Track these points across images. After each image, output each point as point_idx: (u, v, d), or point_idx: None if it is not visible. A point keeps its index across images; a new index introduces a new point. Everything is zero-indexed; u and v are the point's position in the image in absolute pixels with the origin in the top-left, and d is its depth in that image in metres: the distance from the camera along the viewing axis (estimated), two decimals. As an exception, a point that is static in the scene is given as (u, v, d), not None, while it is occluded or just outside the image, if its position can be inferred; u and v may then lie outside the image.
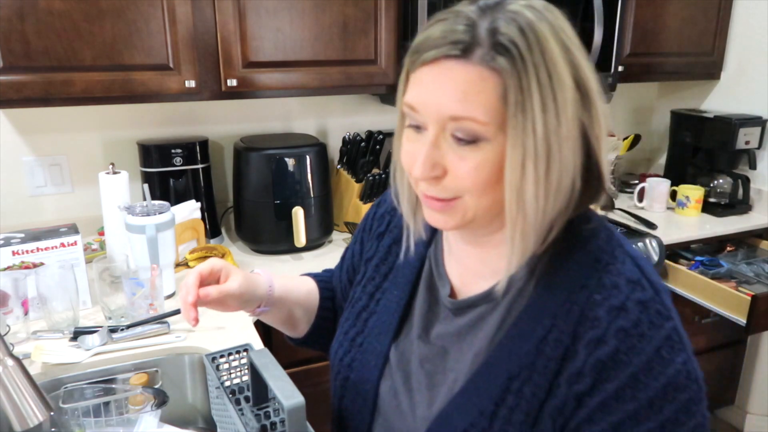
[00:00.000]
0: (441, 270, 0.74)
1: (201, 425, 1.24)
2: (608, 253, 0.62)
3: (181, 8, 1.45)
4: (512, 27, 0.55)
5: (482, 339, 0.67)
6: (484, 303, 0.68)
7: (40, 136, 1.69)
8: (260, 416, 0.76)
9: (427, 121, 0.59)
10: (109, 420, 1.04)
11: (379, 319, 0.77)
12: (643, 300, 0.59)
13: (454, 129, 0.57)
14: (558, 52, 0.56)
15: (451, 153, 0.59)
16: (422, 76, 0.59)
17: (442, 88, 0.57)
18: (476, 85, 0.55)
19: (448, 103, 0.57)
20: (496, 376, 0.63)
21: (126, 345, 1.18)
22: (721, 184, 2.15)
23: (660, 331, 0.58)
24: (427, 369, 0.71)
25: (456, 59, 0.56)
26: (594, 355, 0.58)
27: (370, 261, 0.83)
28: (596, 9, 1.76)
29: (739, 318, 1.71)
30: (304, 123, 1.99)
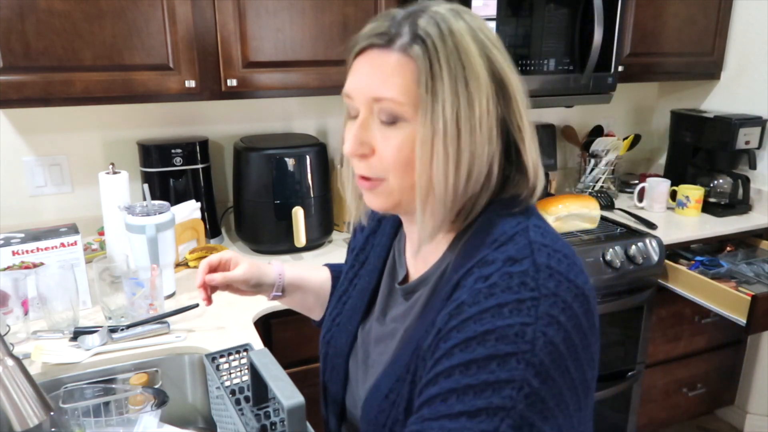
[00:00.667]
0: (401, 258, 0.81)
1: (201, 425, 1.24)
2: (507, 235, 0.64)
3: (181, 8, 1.45)
4: (430, 22, 0.63)
5: (412, 317, 0.73)
6: (422, 285, 0.73)
7: (40, 136, 1.69)
8: (260, 416, 0.76)
9: (358, 107, 0.66)
10: (109, 420, 1.04)
11: (353, 302, 0.85)
12: (511, 272, 0.59)
13: (379, 110, 0.64)
14: (473, 46, 0.63)
15: (378, 134, 0.66)
16: (355, 65, 0.67)
17: (367, 74, 0.65)
18: (395, 69, 0.63)
19: (371, 86, 0.64)
20: (410, 347, 0.69)
21: (126, 345, 1.18)
22: (721, 184, 2.15)
23: (512, 295, 0.58)
24: (380, 348, 0.77)
25: (379, 48, 0.64)
26: (447, 309, 0.62)
27: (353, 251, 0.90)
28: (596, 9, 1.76)
29: (739, 318, 1.71)
30: (304, 123, 1.99)
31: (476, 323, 0.58)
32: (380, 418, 0.69)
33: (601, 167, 2.24)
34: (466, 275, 0.63)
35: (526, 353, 0.55)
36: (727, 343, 2.20)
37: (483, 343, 0.56)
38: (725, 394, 2.31)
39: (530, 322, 0.56)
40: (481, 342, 0.56)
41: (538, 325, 0.56)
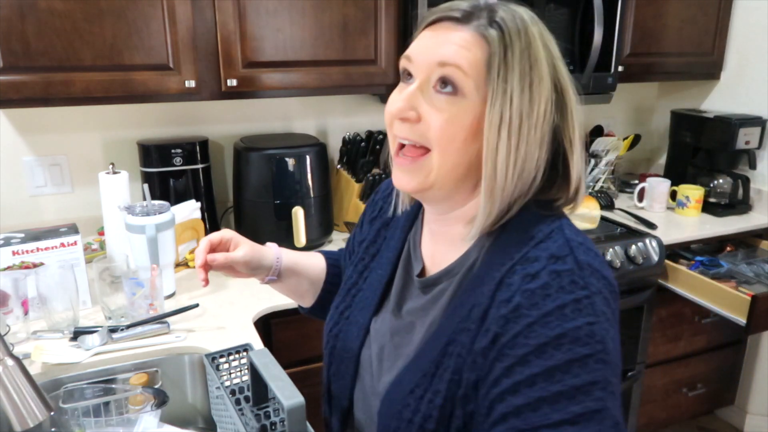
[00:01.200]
0: (417, 251, 0.80)
1: (201, 425, 1.25)
2: (545, 233, 0.66)
3: (181, 8, 1.45)
4: (508, 14, 0.64)
5: (437, 310, 0.72)
6: (446, 279, 0.73)
7: (40, 136, 1.69)
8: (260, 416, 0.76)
9: (417, 70, 0.66)
10: (109, 420, 1.04)
11: (364, 295, 0.83)
12: (558, 270, 0.62)
13: (440, 76, 0.64)
14: (542, 51, 0.64)
15: (430, 102, 0.65)
16: (423, 35, 0.67)
17: (437, 40, 0.65)
18: (467, 43, 0.63)
19: (439, 50, 0.64)
20: (439, 341, 0.69)
21: (126, 345, 1.18)
22: (721, 184, 2.15)
23: (568, 295, 0.60)
24: (395, 341, 0.76)
25: (454, 21, 0.65)
26: (499, 312, 0.62)
27: (362, 243, 0.89)
28: (596, 9, 1.76)
29: (739, 318, 1.71)
30: (304, 123, 1.99)
31: (544, 327, 0.59)
32: (405, 413, 0.68)
33: (601, 167, 2.23)
34: (509, 273, 0.64)
35: (600, 353, 0.58)
36: (727, 343, 2.20)
37: (559, 347, 0.58)
38: (725, 394, 2.32)
39: (594, 321, 0.59)
40: (557, 347, 0.58)
41: (600, 323, 0.59)
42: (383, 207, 0.89)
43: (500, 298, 0.63)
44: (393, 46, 1.69)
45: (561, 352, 0.58)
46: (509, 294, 0.62)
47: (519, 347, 0.59)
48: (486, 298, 0.65)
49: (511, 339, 0.60)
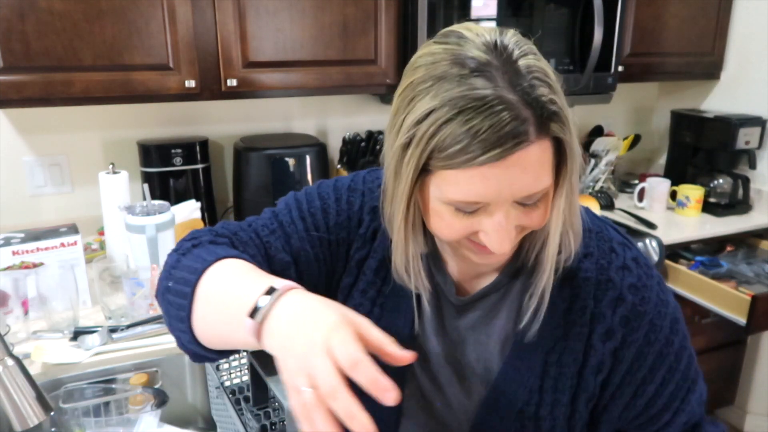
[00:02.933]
0: (441, 267, 0.73)
1: (201, 425, 1.24)
2: (593, 222, 0.72)
3: (181, 8, 1.45)
4: (542, 88, 0.55)
5: (504, 325, 0.71)
6: (494, 293, 0.72)
7: (40, 136, 1.69)
8: (260, 416, 0.76)
9: (491, 206, 0.58)
10: (109, 420, 1.04)
11: (389, 323, 0.74)
12: (634, 257, 0.71)
13: (524, 198, 0.58)
14: (559, 86, 0.58)
15: (521, 214, 0.60)
16: (484, 173, 0.55)
17: (513, 178, 0.55)
18: (542, 159, 0.56)
19: (523, 187, 0.56)
20: (533, 354, 0.69)
21: (126, 345, 1.18)
22: (721, 184, 2.15)
23: (653, 279, 0.70)
24: (451, 363, 0.73)
25: (519, 148, 0.54)
26: (618, 312, 0.67)
27: (364, 262, 0.76)
28: (596, 9, 1.76)
29: (739, 318, 1.71)
30: (304, 123, 1.99)
31: (660, 319, 0.69)
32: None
33: (601, 167, 2.23)
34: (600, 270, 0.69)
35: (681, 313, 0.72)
36: (727, 343, 2.20)
37: (677, 333, 0.70)
38: (725, 394, 2.31)
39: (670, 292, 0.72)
40: (673, 333, 0.70)
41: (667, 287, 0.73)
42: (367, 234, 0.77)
43: (610, 296, 0.68)
44: (393, 46, 1.69)
45: (676, 335, 0.70)
46: (617, 292, 0.68)
47: (654, 344, 0.68)
48: (587, 300, 0.68)
49: (645, 337, 0.68)
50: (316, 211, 0.76)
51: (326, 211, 0.76)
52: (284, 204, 0.78)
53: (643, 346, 0.68)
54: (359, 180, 0.79)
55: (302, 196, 0.78)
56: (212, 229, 0.74)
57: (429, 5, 1.60)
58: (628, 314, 0.67)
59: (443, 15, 1.64)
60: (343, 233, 0.76)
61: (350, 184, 0.78)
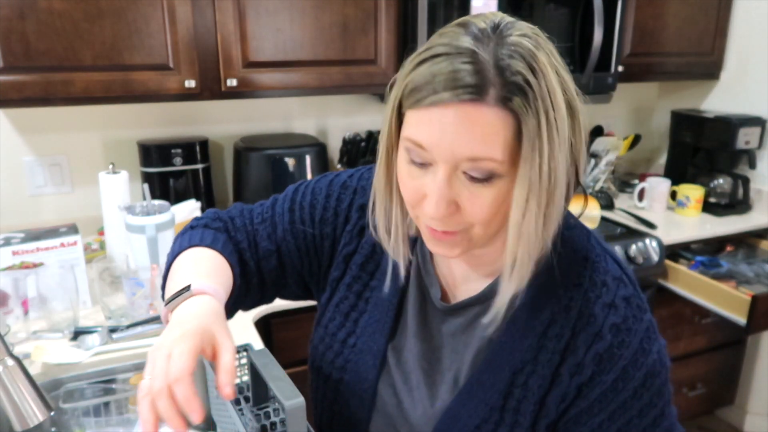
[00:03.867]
0: (429, 269, 0.74)
1: (201, 425, 1.24)
2: (593, 251, 0.68)
3: (181, 8, 1.45)
4: (520, 63, 0.54)
5: (479, 338, 0.69)
6: (478, 304, 0.70)
7: (40, 136, 1.69)
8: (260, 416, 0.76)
9: (435, 159, 0.58)
10: (109, 420, 1.04)
11: (371, 317, 0.76)
12: (626, 296, 0.66)
13: (469, 168, 0.57)
14: (555, 80, 0.56)
15: (465, 190, 0.58)
16: (431, 116, 0.56)
17: (456, 131, 0.55)
18: (494, 126, 0.55)
19: (465, 145, 0.55)
20: (500, 371, 0.67)
21: (126, 345, 1.18)
22: (721, 184, 2.15)
23: (642, 324, 0.66)
24: (424, 367, 0.72)
25: (471, 103, 0.54)
26: (593, 348, 0.64)
27: (351, 257, 0.78)
28: (596, 9, 1.76)
29: (739, 318, 1.71)
30: (304, 123, 1.99)
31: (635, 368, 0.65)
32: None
33: (601, 167, 2.23)
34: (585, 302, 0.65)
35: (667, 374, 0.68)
36: (727, 343, 2.20)
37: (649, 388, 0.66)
38: (725, 394, 2.31)
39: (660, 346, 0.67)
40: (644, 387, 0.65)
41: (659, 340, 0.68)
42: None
43: (589, 331, 0.65)
44: (393, 46, 1.69)
45: (647, 390, 0.65)
46: (597, 328, 0.65)
47: (620, 392, 0.64)
48: (566, 328, 0.65)
49: (613, 383, 0.64)
50: (306, 205, 0.80)
51: (314, 206, 0.79)
52: (284, 193, 0.83)
53: (608, 391, 0.64)
54: (356, 177, 0.81)
55: (301, 187, 0.82)
56: (217, 212, 0.82)
57: (429, 5, 1.60)
58: (602, 353, 0.64)
59: (443, 15, 1.64)
60: (328, 228, 0.79)
61: (345, 181, 0.80)
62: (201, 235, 0.76)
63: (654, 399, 0.66)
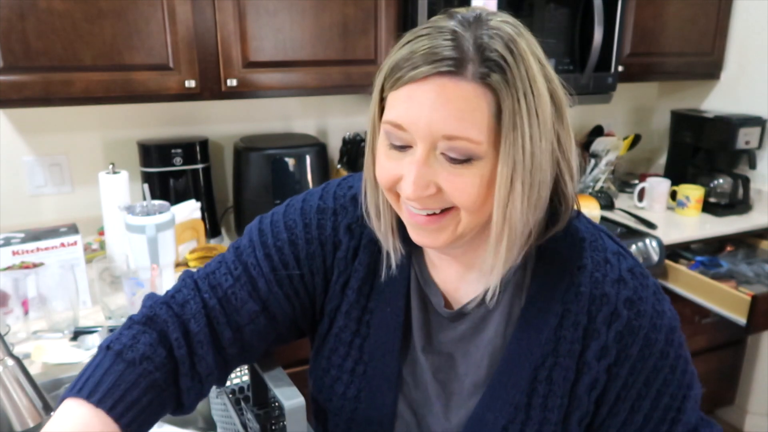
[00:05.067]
0: (428, 279, 0.72)
1: (201, 425, 1.24)
2: (587, 231, 0.69)
3: (181, 8, 1.45)
4: (498, 42, 0.55)
5: (492, 339, 0.69)
6: (482, 306, 0.69)
7: (40, 136, 1.69)
8: (260, 416, 0.76)
9: (414, 139, 0.58)
10: (109, 420, 1.04)
11: (376, 341, 0.72)
12: (630, 267, 0.68)
13: (446, 148, 0.57)
14: (536, 67, 0.57)
15: (443, 171, 0.58)
16: (410, 93, 0.57)
17: (434, 106, 0.55)
18: (471, 103, 0.55)
19: (442, 122, 0.55)
20: (520, 369, 0.66)
21: (126, 345, 1.18)
22: (721, 184, 2.15)
23: (649, 289, 0.67)
24: (440, 379, 0.71)
25: (449, 76, 0.55)
26: (613, 328, 0.65)
27: (347, 284, 0.73)
28: (596, 9, 1.76)
29: (739, 318, 1.71)
30: (304, 123, 1.99)
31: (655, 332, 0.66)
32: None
33: (601, 167, 2.23)
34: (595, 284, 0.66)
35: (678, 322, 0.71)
36: (727, 343, 2.20)
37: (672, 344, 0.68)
38: (725, 394, 2.31)
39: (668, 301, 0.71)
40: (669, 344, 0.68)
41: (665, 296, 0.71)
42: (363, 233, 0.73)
43: (605, 311, 0.65)
44: (393, 46, 1.68)
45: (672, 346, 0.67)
46: (612, 307, 0.65)
47: (648, 358, 0.66)
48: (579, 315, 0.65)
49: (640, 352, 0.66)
50: (283, 245, 0.72)
51: (294, 243, 0.72)
52: (248, 239, 0.74)
53: (637, 361, 0.66)
54: (329, 197, 0.75)
55: (267, 227, 0.74)
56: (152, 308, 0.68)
57: (429, 5, 1.60)
58: (622, 330, 0.65)
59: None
60: (317, 262, 0.73)
61: (319, 204, 0.74)
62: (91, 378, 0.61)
63: (679, 350, 0.68)
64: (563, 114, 0.61)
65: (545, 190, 0.60)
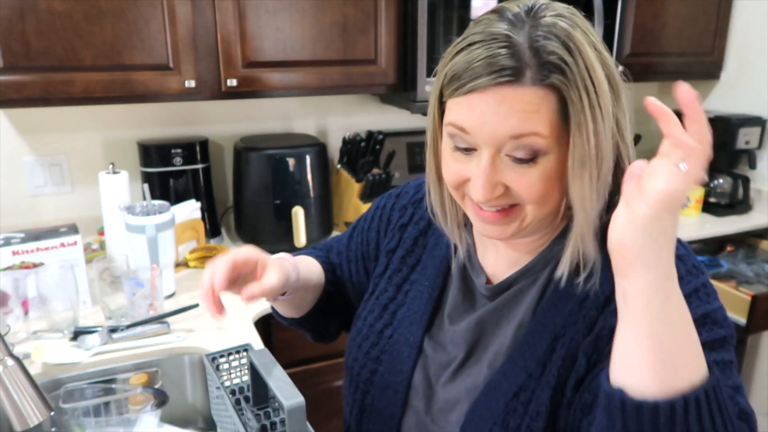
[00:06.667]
0: (474, 261, 0.75)
1: (201, 425, 1.25)
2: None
3: (181, 8, 1.45)
4: (554, 43, 0.56)
5: (523, 311, 0.69)
6: (524, 278, 0.70)
7: (40, 136, 1.69)
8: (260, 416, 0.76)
9: (478, 143, 0.59)
10: (109, 420, 1.04)
11: (409, 309, 0.77)
12: (680, 255, 0.63)
13: (513, 148, 0.58)
14: (593, 56, 0.58)
15: (510, 171, 0.60)
16: (471, 102, 0.58)
17: (496, 113, 0.57)
18: (533, 104, 0.56)
19: (507, 125, 0.57)
20: (541, 339, 0.66)
21: (126, 345, 1.18)
22: (721, 184, 2.15)
23: (697, 278, 0.63)
24: (467, 352, 0.72)
25: (509, 85, 0.56)
26: None
27: (393, 252, 0.82)
28: (596, 9, 1.76)
29: (739, 318, 1.71)
30: (304, 123, 1.99)
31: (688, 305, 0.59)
32: (512, 422, 0.65)
33: (601, 167, 2.24)
34: None
35: (732, 337, 0.62)
36: (727, 343, 2.20)
37: (703, 326, 0.60)
38: (725, 394, 2.31)
39: (723, 306, 0.63)
40: (702, 325, 0.59)
41: (723, 305, 0.64)
42: (415, 213, 0.83)
43: None
44: (393, 46, 1.69)
45: (705, 330, 0.60)
46: None
47: None
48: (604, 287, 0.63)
49: None
50: (359, 222, 0.91)
51: (366, 219, 0.89)
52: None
53: None
54: (402, 186, 0.89)
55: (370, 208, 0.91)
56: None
57: (429, 5, 1.60)
58: None
59: (443, 15, 1.64)
60: (373, 234, 0.87)
61: (391, 192, 0.89)
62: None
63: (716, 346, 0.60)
64: (620, 96, 0.62)
65: (610, 175, 0.61)
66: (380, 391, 0.77)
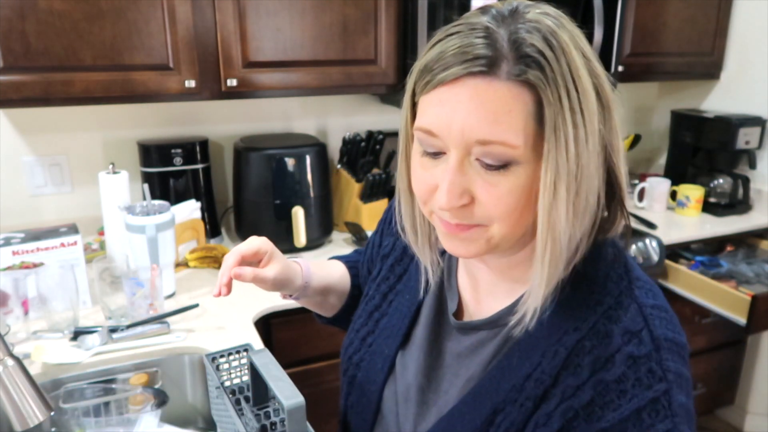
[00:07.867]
0: (452, 282, 0.71)
1: (201, 425, 1.24)
2: (614, 297, 0.59)
3: (181, 8, 1.45)
4: (536, 36, 0.51)
5: (477, 365, 0.64)
6: (488, 328, 0.65)
7: (40, 136, 1.69)
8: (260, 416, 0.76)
9: (447, 146, 0.54)
10: (109, 420, 1.04)
11: (389, 321, 0.75)
12: (635, 355, 0.55)
13: (482, 154, 0.53)
14: (580, 61, 0.52)
15: (479, 179, 0.54)
16: (441, 96, 0.53)
17: (467, 110, 0.51)
18: (506, 104, 0.51)
19: (475, 126, 0.51)
20: (482, 406, 0.61)
21: (126, 345, 1.18)
22: (721, 184, 2.15)
23: (646, 393, 0.54)
24: (422, 383, 0.69)
25: (481, 76, 0.51)
26: (567, 402, 0.56)
27: (386, 258, 0.80)
28: (596, 9, 1.76)
29: (739, 318, 1.71)
30: (304, 123, 1.99)
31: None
32: None
33: (601, 167, 2.23)
34: (578, 350, 0.57)
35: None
36: (727, 343, 2.20)
37: None
38: (725, 394, 2.31)
39: (671, 428, 0.53)
40: None
41: (677, 426, 0.54)
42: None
43: (567, 381, 0.56)
44: (393, 46, 1.69)
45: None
46: (579, 381, 0.55)
47: None
48: (547, 375, 0.57)
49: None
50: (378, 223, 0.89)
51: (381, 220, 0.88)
52: None
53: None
54: None
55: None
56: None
57: (429, 5, 1.60)
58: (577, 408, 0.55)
59: (443, 15, 1.64)
60: (378, 236, 0.86)
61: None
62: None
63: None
64: (611, 116, 0.56)
65: (593, 197, 0.54)
66: (358, 397, 0.77)
